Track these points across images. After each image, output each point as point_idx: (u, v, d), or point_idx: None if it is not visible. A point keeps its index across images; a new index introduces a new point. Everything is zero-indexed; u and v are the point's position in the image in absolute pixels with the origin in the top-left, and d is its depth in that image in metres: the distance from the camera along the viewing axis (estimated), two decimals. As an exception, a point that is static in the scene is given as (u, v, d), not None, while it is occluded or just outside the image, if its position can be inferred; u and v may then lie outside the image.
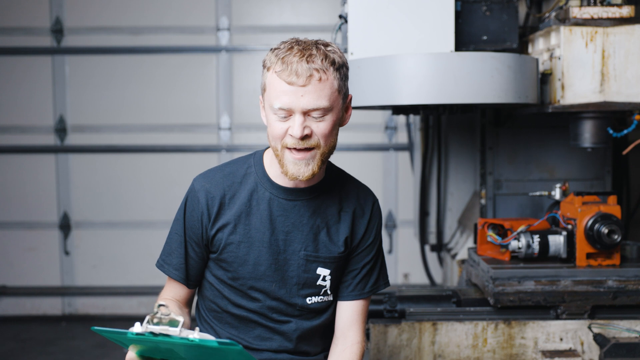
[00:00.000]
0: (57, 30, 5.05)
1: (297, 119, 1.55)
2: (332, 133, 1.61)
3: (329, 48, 1.59)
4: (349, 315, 1.77)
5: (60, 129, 5.12)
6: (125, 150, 5.11)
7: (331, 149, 1.63)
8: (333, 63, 1.57)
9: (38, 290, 5.19)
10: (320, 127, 1.57)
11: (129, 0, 5.06)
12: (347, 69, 1.65)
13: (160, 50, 5.05)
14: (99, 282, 5.18)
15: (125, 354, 1.42)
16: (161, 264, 1.75)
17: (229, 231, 1.68)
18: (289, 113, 1.55)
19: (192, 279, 1.75)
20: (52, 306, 5.21)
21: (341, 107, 1.63)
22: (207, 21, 5.06)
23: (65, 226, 5.18)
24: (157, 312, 1.26)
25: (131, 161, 5.14)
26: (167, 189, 5.00)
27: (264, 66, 1.61)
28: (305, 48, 1.56)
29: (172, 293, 1.75)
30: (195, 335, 1.25)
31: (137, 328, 1.25)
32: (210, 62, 5.09)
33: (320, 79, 1.54)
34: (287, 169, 1.59)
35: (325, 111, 1.57)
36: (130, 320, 1.69)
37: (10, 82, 5.11)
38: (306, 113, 1.55)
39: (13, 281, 5.20)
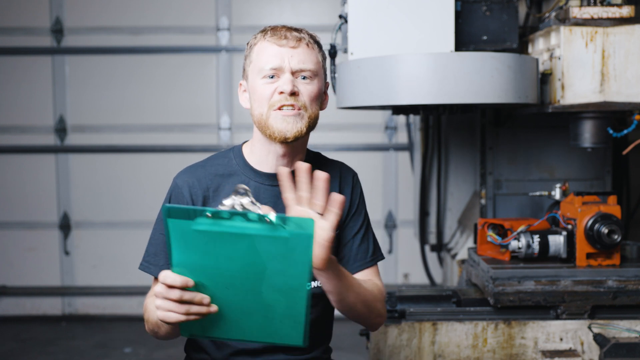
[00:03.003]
0: (57, 30, 5.05)
1: (287, 77, 1.61)
2: (317, 100, 1.67)
3: (312, 33, 1.71)
4: (363, 276, 1.75)
5: (60, 129, 5.12)
6: (125, 150, 5.11)
7: (315, 118, 1.67)
8: (317, 42, 1.70)
9: (38, 290, 5.19)
10: (307, 89, 1.63)
11: (129, 0, 5.06)
12: (325, 58, 1.74)
13: (160, 50, 5.05)
14: (99, 282, 5.19)
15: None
16: (146, 266, 1.74)
17: None
18: (277, 73, 1.62)
19: None
20: (52, 306, 5.21)
21: (323, 84, 1.71)
22: (207, 21, 5.07)
23: (65, 226, 5.18)
24: (237, 190, 1.29)
25: (131, 161, 5.14)
26: (167, 189, 4.98)
27: (248, 47, 1.70)
28: (291, 26, 1.68)
29: None
30: (272, 215, 1.23)
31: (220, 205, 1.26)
32: (210, 62, 5.09)
33: (308, 45, 1.65)
34: (274, 128, 1.61)
35: (312, 75, 1.65)
36: (130, 320, 1.68)
37: (10, 82, 5.11)
38: (294, 74, 1.62)
39: (13, 281, 5.20)
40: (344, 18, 2.63)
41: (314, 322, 1.74)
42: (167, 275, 1.30)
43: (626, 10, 2.34)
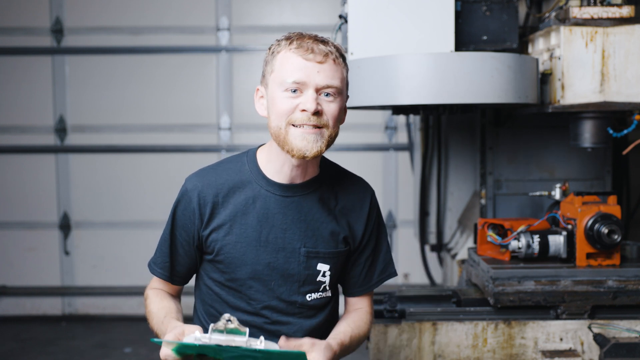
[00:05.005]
0: (57, 30, 5.05)
1: (310, 94, 1.55)
2: (338, 119, 1.62)
3: (337, 43, 1.64)
4: (358, 298, 1.81)
5: (60, 129, 5.12)
6: (125, 150, 5.11)
7: (335, 136, 1.62)
8: (342, 56, 1.63)
9: (38, 290, 5.19)
10: (331, 108, 1.58)
11: (129, 0, 5.06)
12: (348, 71, 1.68)
13: (160, 50, 5.05)
14: (99, 282, 5.18)
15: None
16: (149, 263, 1.76)
17: (225, 232, 1.66)
18: (301, 89, 1.56)
19: (178, 275, 1.74)
20: (52, 306, 5.21)
21: (345, 100, 1.65)
22: (207, 21, 5.07)
23: (65, 226, 5.18)
24: (219, 322, 1.27)
25: (131, 161, 5.14)
26: (167, 189, 4.99)
27: (270, 53, 1.62)
28: (317, 36, 1.61)
29: (160, 286, 1.76)
30: (260, 345, 1.26)
31: (201, 338, 1.25)
32: (210, 62, 5.09)
33: (334, 61, 1.58)
34: (294, 145, 1.56)
35: (337, 93, 1.59)
36: (130, 320, 1.69)
37: (10, 82, 5.11)
38: (318, 91, 1.56)
39: (13, 281, 5.20)
40: (344, 18, 2.63)
41: (319, 329, 1.74)
42: (167, 355, 1.36)
43: (626, 10, 2.34)
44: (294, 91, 1.56)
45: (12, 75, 5.10)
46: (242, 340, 1.25)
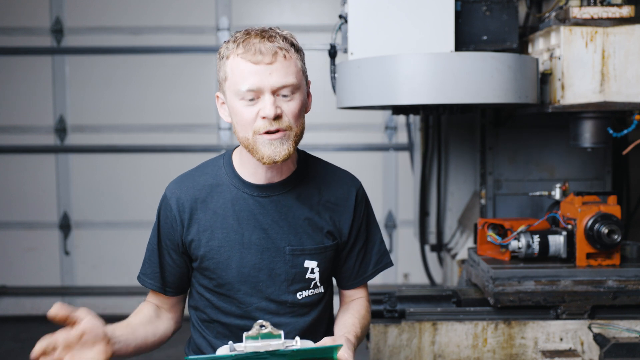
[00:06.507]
0: (57, 30, 5.05)
1: (268, 98, 1.52)
2: (301, 114, 1.60)
3: (284, 32, 1.59)
4: (354, 290, 1.82)
5: (60, 129, 5.12)
6: (125, 150, 5.11)
7: (302, 132, 1.60)
8: (292, 45, 1.58)
9: (38, 290, 5.19)
10: (290, 107, 1.55)
11: (129, 0, 5.06)
12: (304, 54, 1.64)
13: (160, 50, 5.05)
14: (99, 282, 5.18)
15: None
16: (139, 276, 1.75)
17: (207, 238, 1.65)
18: (257, 94, 1.52)
19: (171, 286, 1.73)
20: (52, 306, 5.21)
21: (305, 92, 1.63)
22: (207, 21, 5.07)
23: (65, 226, 5.18)
24: (252, 329, 1.27)
25: (131, 161, 5.14)
26: (167, 189, 4.99)
27: (220, 58, 1.59)
28: (263, 31, 1.56)
29: (154, 300, 1.77)
30: (297, 345, 1.26)
31: (236, 347, 1.24)
32: (210, 62, 5.09)
33: (285, 57, 1.54)
34: (263, 153, 1.54)
35: (294, 89, 1.55)
36: (130, 320, 1.69)
37: (10, 82, 5.11)
38: (275, 92, 1.53)
39: (13, 281, 5.20)
40: (344, 18, 2.63)
41: (312, 327, 1.74)
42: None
43: (626, 10, 2.34)
44: (251, 99, 1.53)
45: (12, 75, 5.10)
46: (279, 343, 1.23)
